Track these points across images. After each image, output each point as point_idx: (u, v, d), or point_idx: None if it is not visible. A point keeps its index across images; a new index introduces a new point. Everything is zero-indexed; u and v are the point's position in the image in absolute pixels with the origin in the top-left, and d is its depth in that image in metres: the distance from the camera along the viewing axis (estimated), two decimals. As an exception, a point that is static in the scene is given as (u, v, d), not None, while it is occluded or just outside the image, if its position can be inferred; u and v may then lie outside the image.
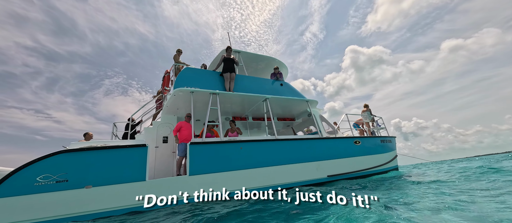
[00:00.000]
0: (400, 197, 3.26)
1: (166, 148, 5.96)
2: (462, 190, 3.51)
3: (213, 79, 5.54)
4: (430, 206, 2.64)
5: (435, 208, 2.51)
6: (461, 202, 2.74)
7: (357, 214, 2.20)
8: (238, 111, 6.92)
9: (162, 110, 6.00)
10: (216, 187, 4.38)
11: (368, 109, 7.75)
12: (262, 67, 7.79)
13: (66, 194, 3.34)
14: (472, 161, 11.21)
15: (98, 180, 3.58)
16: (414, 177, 5.90)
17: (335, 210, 2.47)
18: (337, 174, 5.90)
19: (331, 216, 2.34)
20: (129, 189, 3.71)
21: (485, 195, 3.03)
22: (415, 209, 2.51)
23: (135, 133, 6.09)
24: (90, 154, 3.63)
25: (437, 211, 2.42)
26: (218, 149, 4.62)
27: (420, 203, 2.80)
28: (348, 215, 2.24)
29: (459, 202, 2.74)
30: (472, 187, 3.65)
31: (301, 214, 2.56)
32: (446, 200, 2.86)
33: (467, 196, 3.03)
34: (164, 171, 5.62)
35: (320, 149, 5.90)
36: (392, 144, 7.88)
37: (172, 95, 5.05)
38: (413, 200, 3.03)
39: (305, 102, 6.70)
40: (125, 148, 3.90)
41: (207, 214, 2.95)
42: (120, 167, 3.76)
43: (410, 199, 3.10)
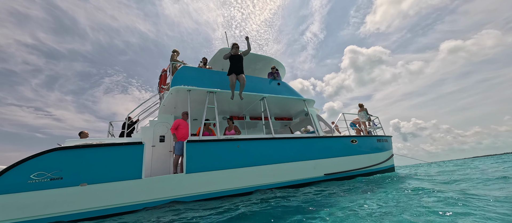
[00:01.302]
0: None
1: (163, 147, 5.93)
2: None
3: (211, 78, 5.55)
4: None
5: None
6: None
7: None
8: (235, 110, 6.93)
9: (159, 109, 5.99)
10: (213, 185, 4.39)
11: (363, 109, 7.82)
12: (260, 67, 7.82)
13: (60, 192, 3.31)
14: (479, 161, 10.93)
15: (94, 178, 3.55)
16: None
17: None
18: (334, 173, 5.93)
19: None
20: (125, 187, 3.69)
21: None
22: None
23: (132, 132, 6.06)
24: (85, 152, 3.60)
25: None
26: (215, 147, 4.62)
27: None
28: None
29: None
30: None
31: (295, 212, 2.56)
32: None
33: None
34: (161, 170, 5.59)
35: (317, 148, 5.93)
36: (389, 143, 7.95)
37: (169, 93, 5.04)
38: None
39: (302, 101, 6.74)
40: (121, 145, 3.88)
41: (203, 212, 2.94)
42: (115, 164, 3.74)
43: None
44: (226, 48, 6.65)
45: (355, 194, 3.57)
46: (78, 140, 3.84)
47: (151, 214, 3.21)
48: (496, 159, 18.34)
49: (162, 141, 5.97)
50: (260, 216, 2.44)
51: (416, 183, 3.91)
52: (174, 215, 2.95)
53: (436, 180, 4.69)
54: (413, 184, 4.13)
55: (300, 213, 2.47)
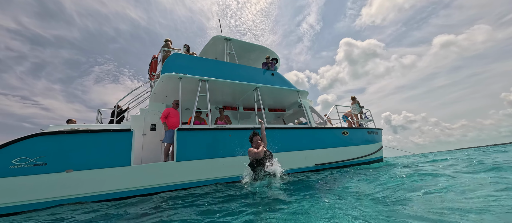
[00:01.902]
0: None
1: (154, 136, 5.84)
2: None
3: (203, 66, 5.43)
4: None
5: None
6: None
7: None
8: (228, 100, 6.87)
9: (150, 97, 5.85)
10: (203, 173, 4.39)
11: (355, 102, 7.92)
12: (254, 57, 7.72)
13: (45, 178, 3.22)
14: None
15: (80, 164, 3.47)
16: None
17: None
18: (324, 163, 6.05)
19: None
20: (113, 174, 3.63)
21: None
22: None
23: (122, 120, 5.92)
24: (70, 138, 3.50)
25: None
26: (206, 136, 4.59)
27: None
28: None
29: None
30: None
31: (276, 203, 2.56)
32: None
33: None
34: (152, 159, 5.53)
35: (309, 138, 6.00)
36: (379, 136, 8.14)
37: (159, 81, 4.91)
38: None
39: (296, 93, 6.74)
40: (108, 132, 3.78)
41: (193, 199, 2.94)
42: (103, 151, 3.66)
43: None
44: (220, 36, 6.50)
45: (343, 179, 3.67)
46: (63, 126, 3.71)
47: (141, 199, 3.18)
48: (476, 149, 19.26)
49: (153, 130, 5.88)
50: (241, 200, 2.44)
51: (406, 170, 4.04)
52: (162, 201, 2.93)
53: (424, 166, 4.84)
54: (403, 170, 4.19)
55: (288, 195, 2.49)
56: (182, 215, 2.03)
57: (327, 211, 1.81)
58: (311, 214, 1.74)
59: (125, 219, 2.16)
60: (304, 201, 2.18)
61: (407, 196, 2.16)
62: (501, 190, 2.12)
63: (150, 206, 2.62)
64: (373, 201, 2.11)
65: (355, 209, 1.84)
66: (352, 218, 1.61)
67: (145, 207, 2.60)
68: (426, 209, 1.72)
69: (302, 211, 1.83)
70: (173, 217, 1.99)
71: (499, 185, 2.32)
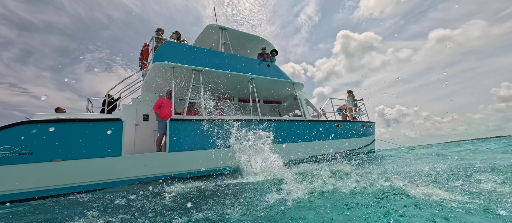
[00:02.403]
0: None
1: (147, 126, 5.76)
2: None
3: (197, 55, 5.28)
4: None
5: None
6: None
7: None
8: (223, 91, 6.77)
9: (142, 87, 5.70)
10: (196, 164, 4.37)
11: (351, 95, 7.94)
12: (250, 47, 7.55)
13: (31, 167, 3.14)
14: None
15: (68, 154, 3.38)
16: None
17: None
18: (318, 155, 6.12)
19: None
20: (103, 164, 3.57)
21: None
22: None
23: (114, 110, 5.78)
24: (58, 127, 3.39)
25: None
26: (199, 127, 4.54)
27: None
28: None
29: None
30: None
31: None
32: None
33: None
34: (145, 149, 5.48)
35: (303, 131, 6.02)
36: (372, 129, 8.25)
37: (151, 70, 4.76)
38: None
39: (291, 85, 6.69)
40: (98, 121, 3.68)
41: (183, 191, 2.93)
42: (92, 141, 3.58)
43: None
44: (214, 25, 6.29)
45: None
46: (50, 114, 3.58)
47: (131, 189, 3.16)
48: (462, 143, 20.03)
49: (146, 120, 5.78)
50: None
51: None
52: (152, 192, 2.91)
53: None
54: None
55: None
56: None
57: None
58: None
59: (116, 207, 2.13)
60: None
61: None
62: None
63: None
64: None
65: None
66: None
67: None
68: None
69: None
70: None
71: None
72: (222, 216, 1.70)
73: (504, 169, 2.79)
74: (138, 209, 2.06)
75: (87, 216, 1.89)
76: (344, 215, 1.60)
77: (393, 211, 1.60)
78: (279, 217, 1.63)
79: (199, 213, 1.79)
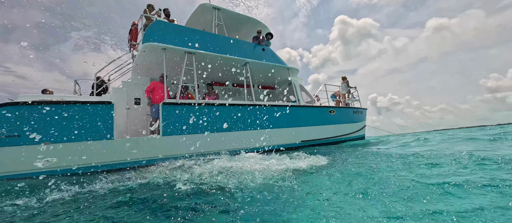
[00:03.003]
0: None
1: (139, 110, 5.65)
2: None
3: (190, 36, 5.06)
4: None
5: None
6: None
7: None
8: (217, 75, 6.64)
9: (132, 69, 5.49)
10: (190, 148, 4.41)
11: (345, 81, 8.00)
12: (245, 30, 7.30)
13: (18, 150, 3.07)
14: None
15: (58, 137, 3.31)
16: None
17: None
18: (310, 139, 6.29)
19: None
20: (95, 148, 3.54)
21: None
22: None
23: (104, 92, 5.59)
24: (45, 109, 3.27)
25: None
26: (193, 111, 4.50)
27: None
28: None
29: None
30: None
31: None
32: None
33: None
34: (138, 134, 5.42)
35: (296, 116, 6.10)
36: (363, 115, 8.47)
37: (141, 51, 4.56)
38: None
39: (286, 70, 6.63)
40: (87, 104, 3.57)
41: (178, 175, 2.97)
42: (83, 124, 3.50)
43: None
44: (207, 4, 5.97)
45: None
46: (36, 96, 3.43)
47: (122, 174, 3.18)
48: (444, 132, 21.14)
49: (138, 104, 5.66)
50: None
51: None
52: (144, 177, 2.95)
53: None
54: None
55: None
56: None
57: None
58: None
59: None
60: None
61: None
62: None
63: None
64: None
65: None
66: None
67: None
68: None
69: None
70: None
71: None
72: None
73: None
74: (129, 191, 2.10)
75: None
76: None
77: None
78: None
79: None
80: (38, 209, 1.68)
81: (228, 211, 1.42)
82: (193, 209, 1.47)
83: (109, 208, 1.60)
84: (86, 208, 1.62)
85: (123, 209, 1.56)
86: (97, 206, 1.65)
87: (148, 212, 1.47)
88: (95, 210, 1.55)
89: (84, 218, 1.43)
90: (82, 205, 1.71)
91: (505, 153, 2.96)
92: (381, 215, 1.30)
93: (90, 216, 1.45)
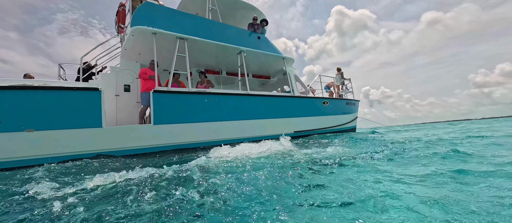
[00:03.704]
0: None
1: (129, 97, 5.47)
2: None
3: (182, 21, 4.82)
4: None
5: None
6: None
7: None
8: (211, 63, 6.46)
9: (121, 54, 5.23)
10: (181, 137, 4.35)
11: (340, 72, 8.00)
12: (240, 16, 7.03)
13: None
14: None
15: (43, 124, 3.17)
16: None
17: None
18: (303, 130, 6.36)
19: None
20: (82, 135, 3.42)
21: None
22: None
23: (92, 78, 5.34)
24: (28, 95, 3.09)
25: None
26: (185, 100, 4.40)
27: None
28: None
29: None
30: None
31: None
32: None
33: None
34: (128, 122, 5.29)
35: (290, 106, 6.11)
36: (356, 107, 8.60)
37: (129, 35, 4.31)
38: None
39: (282, 59, 6.52)
40: (72, 90, 3.40)
41: (167, 165, 2.94)
42: (70, 111, 3.35)
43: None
44: (201, -13, 5.65)
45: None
46: (16, 80, 3.22)
47: (110, 162, 3.13)
48: (431, 124, 22.02)
49: (127, 91, 5.47)
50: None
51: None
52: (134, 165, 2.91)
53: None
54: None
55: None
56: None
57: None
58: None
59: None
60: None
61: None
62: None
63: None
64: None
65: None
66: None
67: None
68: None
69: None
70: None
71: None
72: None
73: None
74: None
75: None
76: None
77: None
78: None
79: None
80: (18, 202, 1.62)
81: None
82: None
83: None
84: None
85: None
86: (81, 198, 1.61)
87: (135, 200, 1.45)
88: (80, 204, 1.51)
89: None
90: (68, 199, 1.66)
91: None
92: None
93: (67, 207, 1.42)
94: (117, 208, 1.34)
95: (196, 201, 1.40)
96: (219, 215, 1.22)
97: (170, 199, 1.47)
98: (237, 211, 1.26)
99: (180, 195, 1.50)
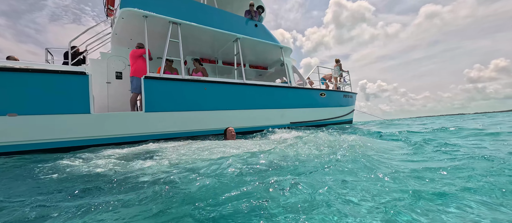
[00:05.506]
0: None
1: (121, 85, 5.29)
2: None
3: (175, 4, 4.59)
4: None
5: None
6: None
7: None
8: (206, 51, 6.26)
9: (111, 39, 5.01)
10: (174, 125, 4.24)
11: (338, 64, 7.88)
12: (236, 3, 6.77)
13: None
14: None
15: (26, 108, 3.02)
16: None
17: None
18: (299, 122, 6.29)
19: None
20: (68, 121, 3.29)
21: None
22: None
23: (81, 64, 5.13)
24: (8, 76, 2.92)
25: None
26: (178, 87, 4.26)
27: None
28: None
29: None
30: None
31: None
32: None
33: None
34: (121, 109, 5.14)
35: (287, 97, 6.01)
36: (353, 99, 8.54)
37: (119, 17, 4.10)
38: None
39: (279, 49, 6.35)
40: (57, 73, 3.23)
41: (159, 151, 2.85)
42: (54, 96, 3.20)
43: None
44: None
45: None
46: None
47: (99, 150, 3.02)
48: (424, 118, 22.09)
49: (119, 78, 5.28)
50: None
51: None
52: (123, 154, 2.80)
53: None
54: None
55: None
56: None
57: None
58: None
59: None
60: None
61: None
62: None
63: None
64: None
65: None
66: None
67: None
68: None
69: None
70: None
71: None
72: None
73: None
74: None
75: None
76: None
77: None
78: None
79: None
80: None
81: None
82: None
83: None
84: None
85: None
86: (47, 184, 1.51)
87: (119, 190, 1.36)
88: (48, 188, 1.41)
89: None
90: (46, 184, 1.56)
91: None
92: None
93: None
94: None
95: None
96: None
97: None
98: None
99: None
